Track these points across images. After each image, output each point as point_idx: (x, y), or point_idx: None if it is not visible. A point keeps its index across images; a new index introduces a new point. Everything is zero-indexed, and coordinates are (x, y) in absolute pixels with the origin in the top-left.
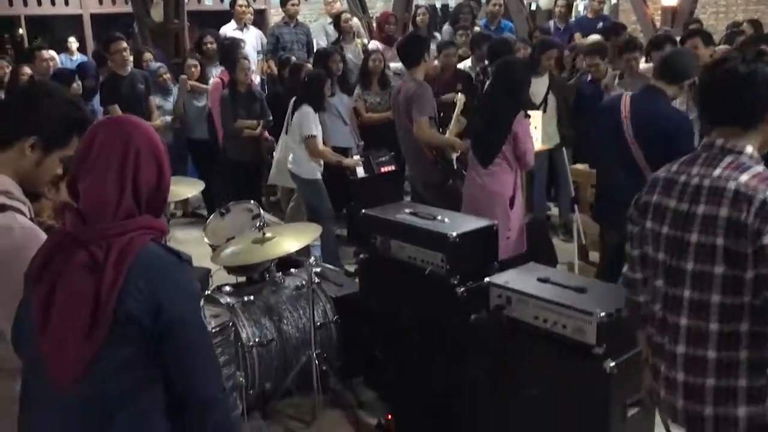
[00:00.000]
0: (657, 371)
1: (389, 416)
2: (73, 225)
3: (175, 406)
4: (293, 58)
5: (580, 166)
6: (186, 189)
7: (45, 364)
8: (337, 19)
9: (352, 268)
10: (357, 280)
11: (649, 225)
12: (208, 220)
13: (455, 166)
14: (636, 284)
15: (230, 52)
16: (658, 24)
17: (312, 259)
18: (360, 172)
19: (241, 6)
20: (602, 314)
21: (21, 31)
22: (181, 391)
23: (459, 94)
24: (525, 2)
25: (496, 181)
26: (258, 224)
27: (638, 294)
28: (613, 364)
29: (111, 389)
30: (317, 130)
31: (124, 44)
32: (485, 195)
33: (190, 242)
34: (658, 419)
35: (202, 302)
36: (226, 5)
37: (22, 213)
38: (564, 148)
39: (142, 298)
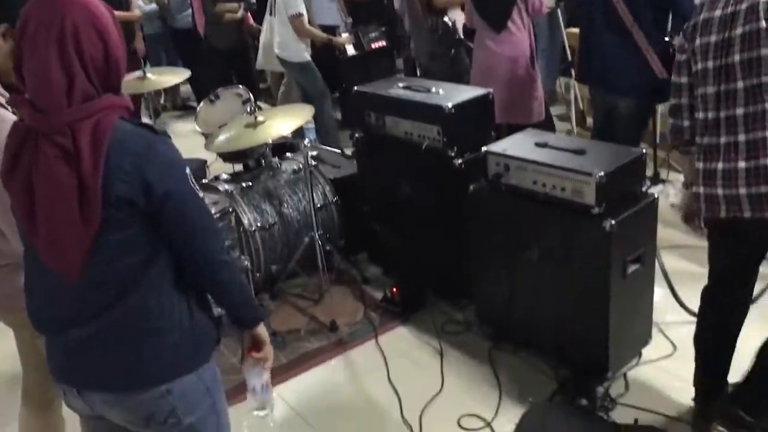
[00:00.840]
0: (711, 176)
1: (394, 289)
2: (30, 117)
3: (182, 277)
4: None
5: (575, 30)
6: (170, 77)
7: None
8: None
9: (349, 152)
10: (355, 161)
11: (698, 42)
12: (198, 108)
13: (458, 35)
14: (681, 109)
15: None
16: None
17: (306, 141)
18: (350, 50)
19: None
20: (601, 174)
21: None
22: (187, 259)
23: None
24: None
25: (514, 45)
26: (249, 108)
27: (683, 119)
28: (612, 222)
29: (118, 269)
30: (304, 8)
31: None
32: (505, 61)
33: (183, 135)
34: (658, 273)
35: (188, 169)
36: None
37: (2, 106)
38: (559, 11)
39: (130, 179)
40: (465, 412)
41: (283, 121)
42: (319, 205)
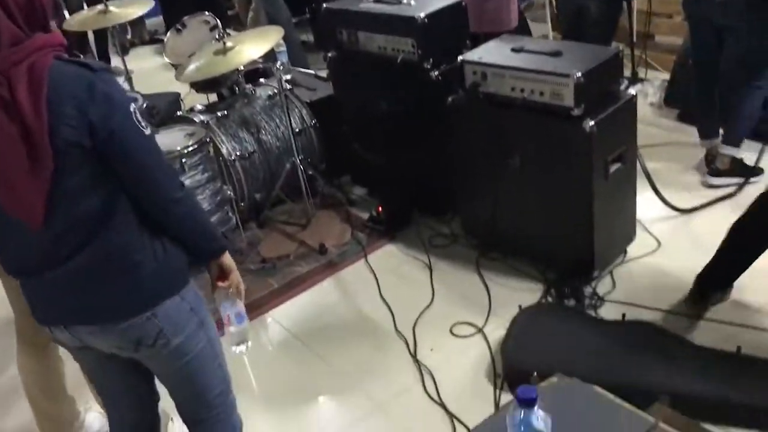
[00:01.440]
0: None
1: (380, 208)
2: None
3: (143, 217)
4: None
5: None
6: (134, 9)
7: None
8: None
9: (324, 75)
10: (330, 83)
11: None
12: (166, 38)
13: None
14: None
15: None
16: None
17: (279, 64)
18: None
19: None
20: (578, 74)
21: None
22: (140, 198)
23: None
24: None
25: None
26: (217, 35)
27: None
28: (592, 123)
29: (82, 213)
30: None
31: None
32: None
33: (154, 69)
34: (640, 172)
35: (133, 106)
36: None
37: None
38: None
39: (74, 122)
40: (457, 320)
41: (253, 45)
42: (297, 130)
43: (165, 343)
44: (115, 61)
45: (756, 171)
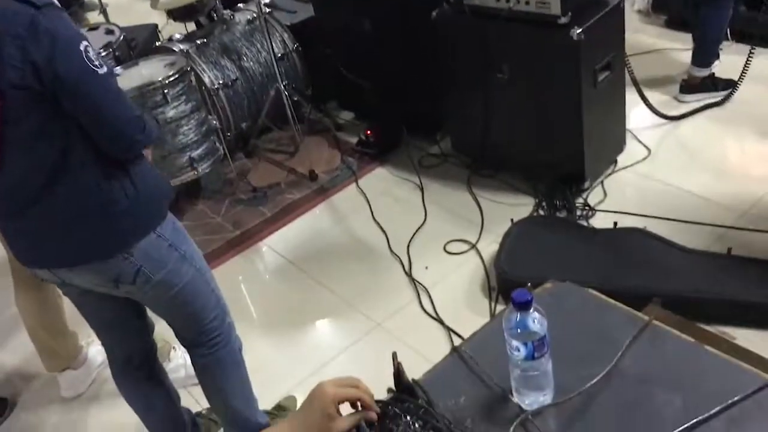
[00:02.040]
0: None
1: (368, 132)
2: None
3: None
4: None
5: None
6: None
7: None
8: None
9: None
10: (311, 4)
11: None
12: None
13: None
14: None
15: None
16: None
17: None
18: None
19: None
20: None
21: None
22: (98, 139)
23: None
24: None
25: None
26: None
27: None
28: (579, 30)
29: (41, 157)
30: None
31: None
32: None
33: (130, 1)
34: (628, 80)
35: (84, 44)
36: None
37: None
38: None
39: (19, 64)
40: (450, 238)
41: None
42: (279, 55)
43: (146, 280)
44: None
45: (728, 84)
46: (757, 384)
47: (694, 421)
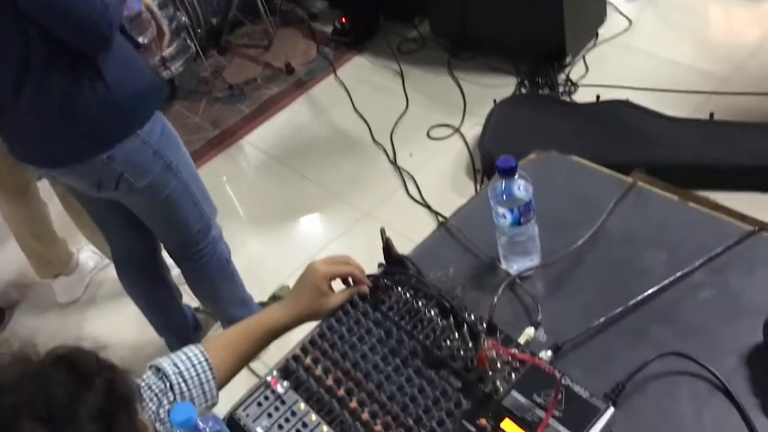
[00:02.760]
0: None
1: (343, 19)
2: None
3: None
4: None
5: None
6: None
7: None
8: None
9: None
10: None
11: None
12: None
13: None
14: None
15: None
16: None
17: None
18: None
19: None
20: None
21: None
22: (58, 33)
23: None
24: None
25: None
26: None
27: None
28: None
29: (2, 61)
30: None
31: None
32: None
33: None
34: None
35: None
36: None
37: None
38: None
39: None
40: (433, 123)
41: None
42: None
43: (129, 186)
44: None
45: None
46: (738, 235)
47: (679, 274)
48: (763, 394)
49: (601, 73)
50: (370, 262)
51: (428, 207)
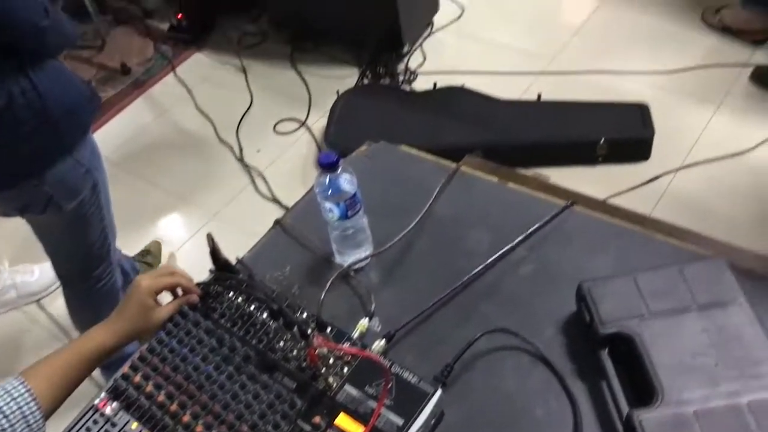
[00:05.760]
0: None
1: (179, 15)
2: None
3: (10, 58)
4: None
5: None
6: None
7: None
8: None
9: None
10: None
11: None
12: None
13: None
14: None
15: None
16: None
17: None
18: None
19: None
20: None
21: None
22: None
23: None
24: None
25: None
26: None
27: None
28: None
29: None
30: None
31: None
32: None
33: None
34: None
35: None
36: None
37: None
38: None
39: None
40: (279, 118)
41: None
42: None
43: (56, 210)
44: None
45: None
46: (554, 211)
47: (501, 252)
48: (578, 360)
49: (438, 61)
50: None
51: (278, 203)
